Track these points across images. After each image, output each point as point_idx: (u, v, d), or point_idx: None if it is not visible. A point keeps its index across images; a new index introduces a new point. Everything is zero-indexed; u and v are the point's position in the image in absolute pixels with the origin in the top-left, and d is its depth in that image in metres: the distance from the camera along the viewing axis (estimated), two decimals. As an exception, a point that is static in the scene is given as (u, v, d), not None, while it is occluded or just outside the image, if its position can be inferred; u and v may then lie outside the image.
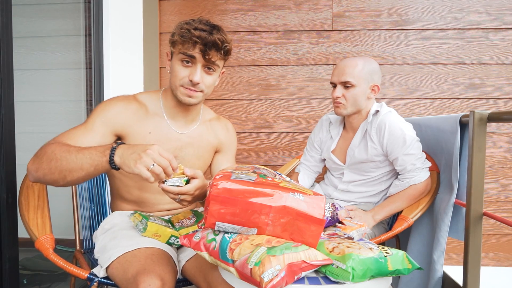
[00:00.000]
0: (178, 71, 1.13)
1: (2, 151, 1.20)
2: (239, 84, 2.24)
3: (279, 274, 0.78)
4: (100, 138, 1.10)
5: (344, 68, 1.47)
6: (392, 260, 0.87)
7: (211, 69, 1.14)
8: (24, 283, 1.71)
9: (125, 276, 0.99)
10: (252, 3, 2.21)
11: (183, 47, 1.10)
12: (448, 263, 2.10)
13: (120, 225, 1.22)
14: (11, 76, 1.23)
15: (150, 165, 0.87)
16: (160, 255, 1.06)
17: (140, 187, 1.23)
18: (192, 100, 1.16)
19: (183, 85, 1.13)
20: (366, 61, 1.49)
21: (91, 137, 1.08)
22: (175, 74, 1.14)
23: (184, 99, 1.15)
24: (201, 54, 1.09)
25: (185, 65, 1.12)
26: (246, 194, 0.85)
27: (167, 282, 0.96)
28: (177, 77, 1.13)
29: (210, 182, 0.91)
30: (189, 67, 1.12)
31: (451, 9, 2.14)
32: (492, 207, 2.14)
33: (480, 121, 1.14)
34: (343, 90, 1.48)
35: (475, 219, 1.16)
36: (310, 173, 1.75)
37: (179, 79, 1.13)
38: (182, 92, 1.14)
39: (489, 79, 2.14)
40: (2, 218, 1.19)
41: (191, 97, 1.15)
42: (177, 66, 1.13)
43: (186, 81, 1.13)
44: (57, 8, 2.08)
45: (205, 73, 1.14)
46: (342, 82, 1.47)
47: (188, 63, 1.12)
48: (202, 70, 1.13)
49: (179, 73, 1.13)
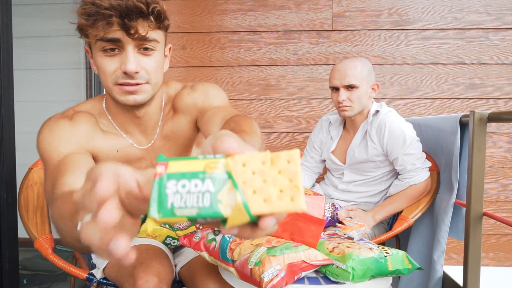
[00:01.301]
0: (105, 65, 0.83)
1: (2, 151, 1.19)
2: (239, 84, 2.24)
3: (279, 274, 0.78)
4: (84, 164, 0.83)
5: (346, 71, 1.47)
6: (392, 260, 0.87)
7: (147, 48, 0.84)
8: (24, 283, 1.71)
9: (121, 272, 0.99)
10: (252, 3, 2.21)
11: (96, 30, 0.78)
12: (448, 263, 2.09)
13: None
14: (11, 76, 1.23)
15: None
16: (156, 251, 1.05)
17: None
18: (138, 97, 0.85)
19: (117, 82, 0.84)
20: (362, 61, 1.51)
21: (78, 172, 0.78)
22: (102, 71, 0.84)
23: (125, 100, 0.85)
24: (124, 32, 0.79)
25: (110, 55, 0.82)
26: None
27: (164, 279, 0.95)
28: (106, 74, 0.83)
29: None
30: (116, 55, 0.82)
31: (451, 9, 2.14)
32: (492, 207, 2.13)
33: (480, 121, 1.14)
34: (347, 93, 1.48)
35: (475, 219, 1.16)
36: (310, 174, 1.75)
37: (109, 76, 0.83)
38: (119, 91, 0.85)
39: (489, 79, 2.14)
40: (2, 218, 1.19)
41: (134, 93, 0.84)
42: (100, 60, 0.83)
43: (118, 75, 0.83)
44: (57, 8, 2.08)
45: (141, 56, 0.83)
46: (345, 85, 1.47)
47: (114, 51, 0.82)
48: (137, 53, 0.83)
49: (106, 67, 0.83)
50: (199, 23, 2.19)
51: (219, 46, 2.20)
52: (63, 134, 0.86)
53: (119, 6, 0.76)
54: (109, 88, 0.85)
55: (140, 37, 0.80)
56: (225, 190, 0.34)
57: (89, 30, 0.79)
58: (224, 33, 2.20)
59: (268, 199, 0.34)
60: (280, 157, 0.35)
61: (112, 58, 0.82)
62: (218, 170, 0.34)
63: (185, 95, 0.98)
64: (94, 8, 0.77)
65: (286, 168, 0.35)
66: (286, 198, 0.34)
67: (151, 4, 0.78)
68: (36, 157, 1.35)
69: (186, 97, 0.98)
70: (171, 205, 0.34)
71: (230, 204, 0.34)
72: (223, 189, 0.34)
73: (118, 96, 0.85)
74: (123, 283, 0.97)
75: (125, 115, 0.93)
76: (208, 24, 2.20)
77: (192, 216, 0.34)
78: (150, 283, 0.92)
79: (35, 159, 1.34)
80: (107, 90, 0.87)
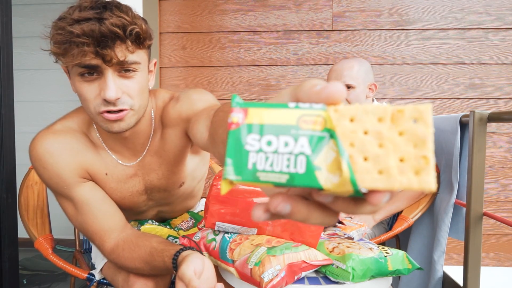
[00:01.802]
0: (84, 92, 0.77)
1: (2, 151, 1.20)
2: (239, 84, 2.23)
3: (279, 274, 0.78)
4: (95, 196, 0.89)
5: (342, 71, 1.48)
6: (392, 260, 0.87)
7: (129, 70, 0.77)
8: (24, 283, 1.71)
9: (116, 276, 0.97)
10: (252, 3, 2.21)
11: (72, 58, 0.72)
12: (448, 263, 2.09)
13: None
14: (11, 76, 1.23)
15: None
16: None
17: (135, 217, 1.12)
18: (123, 124, 0.80)
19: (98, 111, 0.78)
20: (359, 61, 1.51)
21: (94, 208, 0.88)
22: (83, 98, 0.78)
23: (110, 127, 0.80)
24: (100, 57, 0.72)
25: (89, 79, 0.76)
26: (246, 194, 0.85)
27: (161, 280, 0.93)
28: (87, 102, 0.78)
29: (210, 182, 0.90)
30: (95, 79, 0.76)
31: (451, 9, 2.14)
32: (492, 207, 2.13)
33: (480, 121, 1.14)
34: None
35: (475, 219, 1.16)
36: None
37: (90, 104, 0.78)
38: (102, 120, 0.79)
39: (489, 79, 2.14)
40: (2, 218, 1.19)
41: (118, 121, 0.79)
42: (79, 85, 0.77)
43: (99, 102, 0.77)
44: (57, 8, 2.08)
45: (122, 79, 0.77)
46: None
47: (92, 75, 0.76)
48: (117, 77, 0.76)
49: (86, 94, 0.77)
50: (199, 23, 2.19)
51: (219, 46, 2.20)
52: (59, 157, 0.84)
53: (92, 33, 0.69)
54: (92, 115, 0.80)
55: (119, 62, 0.74)
56: (325, 153, 0.26)
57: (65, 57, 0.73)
58: (224, 33, 2.20)
59: (384, 171, 0.25)
60: (404, 113, 0.25)
61: (90, 84, 0.76)
62: (316, 125, 0.26)
63: (170, 108, 0.91)
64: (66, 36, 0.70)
65: (411, 130, 0.25)
66: (409, 172, 0.25)
67: (128, 26, 0.71)
68: (36, 157, 1.35)
69: (171, 110, 0.91)
70: (252, 166, 0.26)
71: (332, 173, 0.26)
72: (323, 152, 0.26)
73: (102, 124, 0.80)
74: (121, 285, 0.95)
75: (112, 137, 0.89)
76: (208, 24, 2.20)
77: (280, 183, 0.26)
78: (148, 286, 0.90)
79: (35, 159, 1.34)
80: (92, 117, 0.82)
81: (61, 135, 0.86)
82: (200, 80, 2.15)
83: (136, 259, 0.84)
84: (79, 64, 0.73)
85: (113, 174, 0.92)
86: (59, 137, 0.86)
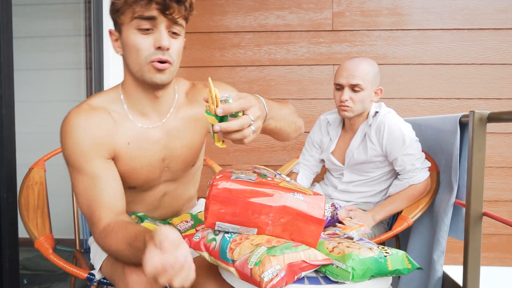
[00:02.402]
0: (138, 43, 0.89)
1: (2, 151, 1.20)
2: (239, 84, 2.23)
3: (279, 274, 0.78)
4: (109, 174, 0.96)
5: (355, 70, 1.44)
6: (392, 260, 0.87)
7: (175, 32, 0.92)
8: (24, 283, 1.71)
9: (113, 268, 0.98)
10: (252, 3, 2.21)
11: (135, 9, 0.86)
12: (448, 263, 2.09)
13: None
14: (11, 76, 1.23)
15: None
16: None
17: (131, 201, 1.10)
18: (164, 76, 0.93)
19: (152, 61, 0.90)
20: (371, 64, 1.48)
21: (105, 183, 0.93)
22: (135, 48, 0.90)
23: (155, 78, 0.92)
24: (161, 12, 0.87)
25: (144, 33, 0.89)
26: (246, 194, 0.85)
27: None
28: (140, 51, 0.90)
29: (210, 182, 0.91)
30: (150, 33, 0.89)
31: (451, 9, 2.14)
32: (492, 207, 2.14)
33: (480, 121, 1.14)
34: (351, 93, 1.45)
35: (475, 219, 1.16)
36: (309, 173, 1.74)
37: (143, 53, 0.90)
38: (150, 69, 0.91)
39: (489, 79, 2.14)
40: (2, 218, 1.19)
41: (163, 72, 0.92)
42: (133, 37, 0.89)
43: (152, 52, 0.89)
44: (57, 8, 2.08)
45: (170, 37, 0.91)
46: (351, 85, 1.44)
47: (148, 30, 0.89)
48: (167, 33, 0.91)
49: (140, 45, 0.89)
50: (199, 23, 2.19)
51: (219, 46, 2.21)
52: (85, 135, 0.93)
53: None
54: (140, 66, 0.91)
55: (173, 19, 0.88)
56: None
57: (129, 9, 0.87)
58: (224, 33, 2.20)
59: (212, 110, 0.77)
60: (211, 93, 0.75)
61: (146, 36, 0.89)
62: None
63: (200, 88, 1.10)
64: None
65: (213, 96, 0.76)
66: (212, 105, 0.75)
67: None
68: (36, 157, 1.36)
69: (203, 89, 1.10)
70: None
71: None
72: None
73: (148, 74, 0.91)
74: (116, 280, 0.96)
75: (144, 97, 0.99)
76: (208, 24, 2.20)
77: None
78: (143, 279, 0.91)
79: (35, 159, 1.34)
80: (136, 70, 0.93)
81: (88, 112, 0.96)
82: (200, 80, 2.15)
83: (120, 239, 0.86)
84: (141, 16, 0.87)
85: (135, 142, 1.00)
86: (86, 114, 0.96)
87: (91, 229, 0.96)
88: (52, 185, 1.32)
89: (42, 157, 1.35)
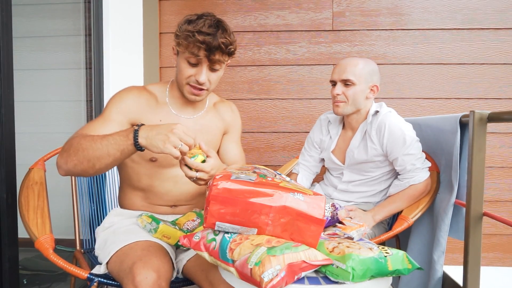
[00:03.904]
0: (184, 70, 1.16)
1: (2, 151, 1.20)
2: (239, 84, 2.24)
3: (279, 274, 0.78)
4: (117, 127, 1.13)
5: (346, 66, 1.48)
6: (392, 260, 0.87)
7: (215, 68, 1.17)
8: (24, 283, 1.71)
9: (121, 267, 1.00)
10: (252, 3, 2.21)
11: (187, 49, 1.12)
12: (448, 263, 2.10)
13: (120, 222, 1.22)
14: (11, 76, 1.23)
15: (178, 145, 0.94)
16: (157, 247, 1.07)
17: (150, 175, 1.24)
18: (198, 98, 1.21)
19: (189, 83, 1.17)
20: (367, 61, 1.51)
21: (109, 127, 1.12)
22: (181, 72, 1.18)
23: (190, 97, 1.21)
24: (206, 57, 1.12)
25: (191, 65, 1.15)
26: (246, 194, 0.85)
27: (163, 275, 0.96)
28: (183, 76, 1.17)
29: (210, 182, 0.91)
30: (194, 67, 1.15)
31: (451, 9, 2.14)
32: (492, 207, 2.14)
33: (480, 121, 1.14)
34: (343, 88, 1.48)
35: (475, 219, 1.16)
36: (308, 174, 1.74)
37: (185, 78, 1.17)
38: (188, 90, 1.19)
39: (489, 79, 2.14)
40: (2, 218, 1.19)
41: (197, 95, 1.20)
42: (183, 65, 1.16)
43: (192, 79, 1.16)
44: (57, 8, 2.08)
45: (210, 72, 1.17)
46: (342, 79, 1.48)
47: (194, 64, 1.15)
48: (207, 70, 1.16)
49: (185, 72, 1.16)
50: (199, 23, 2.19)
51: (219, 46, 2.20)
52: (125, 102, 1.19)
53: (209, 43, 1.09)
54: (181, 84, 1.20)
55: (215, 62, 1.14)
56: None
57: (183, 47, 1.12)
58: (224, 33, 2.20)
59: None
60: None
61: (191, 67, 1.16)
62: None
63: (224, 104, 1.41)
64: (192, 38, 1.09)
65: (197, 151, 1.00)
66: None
67: (229, 45, 1.13)
68: (36, 157, 1.36)
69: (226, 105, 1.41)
70: None
71: None
72: None
73: (186, 92, 1.20)
74: (123, 279, 0.97)
75: (184, 100, 1.26)
76: (208, 24, 2.20)
77: None
78: (149, 279, 0.92)
79: (35, 159, 1.34)
80: (179, 84, 1.21)
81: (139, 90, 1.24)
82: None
83: (97, 138, 1.00)
84: (191, 53, 1.12)
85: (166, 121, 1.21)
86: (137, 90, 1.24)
87: (72, 135, 1.09)
88: (52, 185, 1.31)
89: (42, 157, 1.35)
